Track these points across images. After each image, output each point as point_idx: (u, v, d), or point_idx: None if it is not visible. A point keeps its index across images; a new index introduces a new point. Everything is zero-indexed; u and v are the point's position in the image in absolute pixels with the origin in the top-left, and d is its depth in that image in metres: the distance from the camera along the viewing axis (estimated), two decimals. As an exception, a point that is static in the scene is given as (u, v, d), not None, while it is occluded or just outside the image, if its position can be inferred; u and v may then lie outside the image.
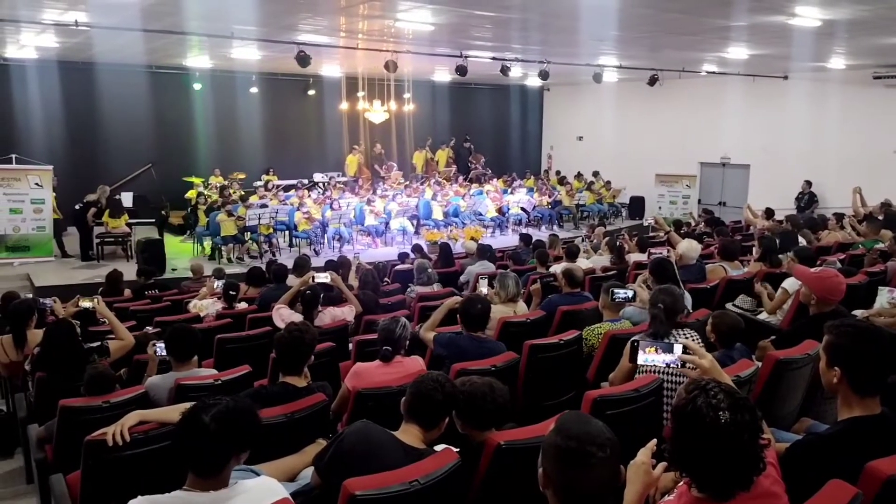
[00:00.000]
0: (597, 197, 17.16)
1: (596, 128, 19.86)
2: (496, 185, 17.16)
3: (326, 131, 18.21)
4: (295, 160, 17.60)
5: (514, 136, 21.69)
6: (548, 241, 10.23)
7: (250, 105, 16.81)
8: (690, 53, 12.33)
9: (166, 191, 15.18)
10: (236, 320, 6.06)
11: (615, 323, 4.62)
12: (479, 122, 20.96)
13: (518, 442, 2.55)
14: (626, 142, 19.01)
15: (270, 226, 12.79)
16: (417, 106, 18.04)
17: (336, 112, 17.47)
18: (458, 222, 14.72)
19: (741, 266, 6.82)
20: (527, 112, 21.67)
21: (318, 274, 5.72)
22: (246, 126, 16.83)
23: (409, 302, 7.00)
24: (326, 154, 18.34)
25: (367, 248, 13.53)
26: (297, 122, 17.87)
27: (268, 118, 17.22)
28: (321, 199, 14.30)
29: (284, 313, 5.36)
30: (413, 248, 10.16)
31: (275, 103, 17.31)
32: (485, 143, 20.72)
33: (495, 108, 21.22)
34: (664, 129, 18.05)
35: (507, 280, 5.40)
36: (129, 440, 2.79)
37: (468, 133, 20.25)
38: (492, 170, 19.37)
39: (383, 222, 14.18)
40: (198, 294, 7.56)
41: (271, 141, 17.37)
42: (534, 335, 4.54)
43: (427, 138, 19.13)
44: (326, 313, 5.51)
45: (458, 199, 15.41)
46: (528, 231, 14.15)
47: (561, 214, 16.68)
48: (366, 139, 18.37)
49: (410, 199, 14.88)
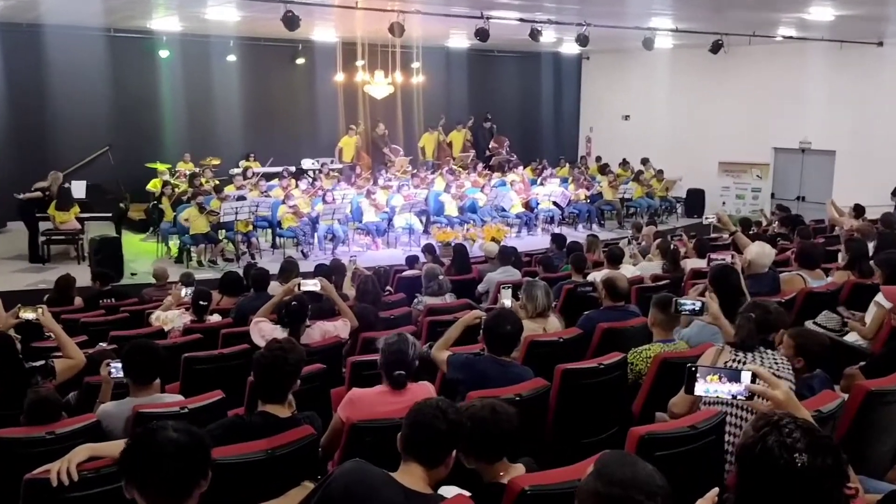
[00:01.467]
0: (646, 189, 17.11)
1: (646, 105, 19.82)
2: (523, 174, 17.17)
3: (318, 108, 18.30)
4: (280, 143, 17.70)
5: (546, 115, 21.68)
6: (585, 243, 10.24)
7: (227, 77, 16.94)
8: (763, 14, 12.22)
9: (126, 179, 15.32)
10: (207, 336, 6.10)
11: (668, 344, 4.59)
12: (503, 97, 20.99)
13: (547, 487, 2.54)
14: (682, 123, 18.96)
15: (249, 222, 12.88)
16: (428, 78, 18.10)
17: (330, 85, 17.55)
18: (475, 219, 14.75)
19: (824, 276, 6.76)
20: (561, 86, 21.65)
21: (306, 281, 5.75)
22: (222, 102, 16.96)
23: (415, 316, 7.02)
24: (318, 136, 18.43)
25: (366, 250, 13.56)
26: (284, 98, 17.98)
27: (248, 92, 17.35)
28: (311, 191, 14.38)
29: (265, 328, 5.38)
30: (424, 248, 10.21)
31: (257, 75, 17.43)
32: (510, 123, 20.74)
33: (523, 80, 21.23)
34: (730, 107, 17.96)
35: (535, 290, 5.40)
36: (76, 479, 2.79)
37: (489, 111, 20.29)
38: (518, 156, 19.39)
39: (386, 219, 14.20)
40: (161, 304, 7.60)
41: (252, 120, 17.49)
42: (568, 358, 4.53)
43: (439, 117, 19.17)
44: (315, 329, 5.52)
45: (477, 191, 15.44)
46: (561, 231, 14.11)
47: (602, 211, 16.63)
48: (366, 118, 18.44)
49: (418, 191, 14.93)
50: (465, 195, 15.23)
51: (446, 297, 7.52)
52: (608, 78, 21.01)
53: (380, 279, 7.47)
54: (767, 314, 3.81)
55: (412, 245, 13.71)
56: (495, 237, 13.27)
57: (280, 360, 3.45)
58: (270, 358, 3.47)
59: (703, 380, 2.51)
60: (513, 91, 21.18)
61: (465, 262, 9.50)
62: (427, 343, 5.19)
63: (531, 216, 15.52)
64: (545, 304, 5.39)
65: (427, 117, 19.31)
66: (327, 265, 8.45)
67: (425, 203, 14.73)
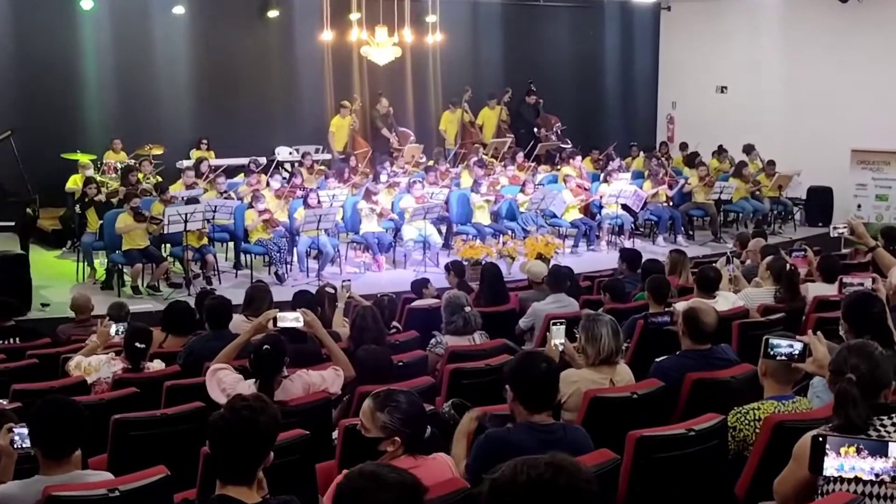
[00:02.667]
0: (751, 188, 17.02)
1: (750, 73, 19.77)
2: (580, 166, 17.14)
3: (298, 79, 18.42)
4: (246, 126, 17.81)
5: (611, 87, 21.69)
6: (668, 260, 10.17)
7: (173, 35, 17.08)
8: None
9: (35, 175, 15.40)
10: (146, 390, 6.09)
11: (785, 402, 4.56)
12: (552, 62, 21.02)
13: None
14: (801, 97, 18.89)
15: (204, 233, 12.92)
16: (449, 36, 18.13)
17: (314, 47, 17.67)
18: (515, 229, 14.73)
19: None
20: (632, 47, 21.66)
21: (283, 314, 5.76)
22: (165, 70, 17.11)
23: (433, 363, 7.00)
24: (298, 116, 18.54)
25: (365, 272, 13.57)
26: (250, 64, 18.09)
27: (202, 57, 17.48)
28: (288, 190, 14.42)
29: (226, 380, 5.39)
30: (449, 266, 10.15)
31: (214, 32, 17.57)
32: (561, 97, 20.75)
33: (579, 39, 21.27)
34: (867, 75, 17.87)
35: (599, 328, 5.38)
36: None
37: (533, 81, 20.30)
38: (573, 141, 19.37)
39: (391, 228, 14.16)
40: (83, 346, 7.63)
41: (207, 94, 17.61)
42: (645, 421, 4.50)
43: (464, 90, 19.21)
44: (296, 380, 5.52)
45: (516, 191, 15.43)
46: (633, 245, 14.01)
47: (690, 216, 16.55)
48: (363, 91, 18.53)
49: (436, 191, 14.94)
50: (501, 195, 15.22)
51: (475, 336, 7.47)
52: (697, 36, 20.99)
53: (383, 311, 7.46)
54: (875, 364, 3.65)
55: (427, 265, 13.71)
56: (542, 253, 13.24)
57: (246, 423, 3.44)
58: (233, 421, 3.46)
59: (835, 454, 2.49)
60: (565, 54, 21.21)
61: (501, 289, 9.46)
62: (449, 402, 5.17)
63: (592, 224, 15.48)
64: (613, 346, 5.36)
65: (447, 90, 19.38)
66: (311, 293, 8.44)
67: (445, 207, 14.74)
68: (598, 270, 12.66)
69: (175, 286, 12.69)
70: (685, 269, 9.94)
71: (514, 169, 16.71)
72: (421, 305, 9.13)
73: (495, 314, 8.65)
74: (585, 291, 9.99)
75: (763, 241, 11.42)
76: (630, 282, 9.55)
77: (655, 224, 16.12)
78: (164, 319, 7.89)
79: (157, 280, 12.65)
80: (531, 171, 16.62)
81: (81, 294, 10.05)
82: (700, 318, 5.68)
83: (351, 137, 17.96)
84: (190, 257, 12.71)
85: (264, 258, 13.51)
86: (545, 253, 13.36)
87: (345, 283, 8.55)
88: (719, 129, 19.59)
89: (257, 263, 13.61)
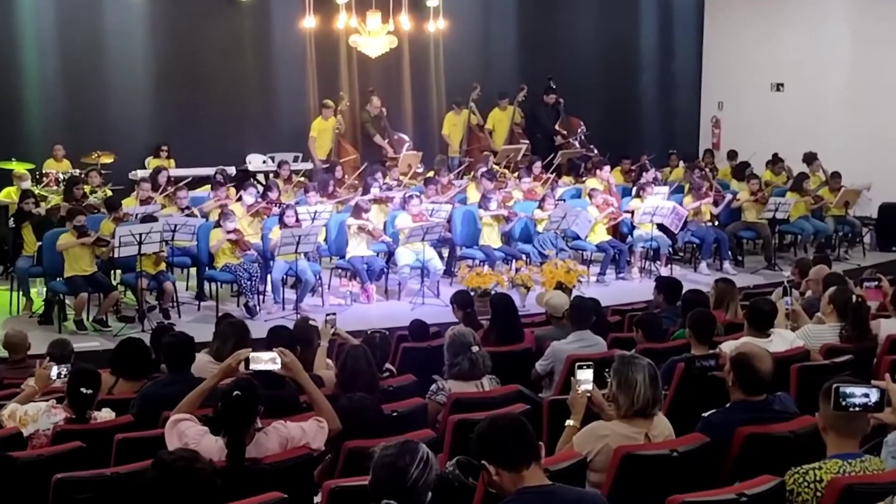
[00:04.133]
0: (812, 205, 17.02)
1: (811, 68, 19.79)
2: (608, 178, 17.13)
3: (274, 74, 18.48)
4: (212, 130, 17.87)
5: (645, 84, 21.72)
6: (713, 292, 10.14)
7: (128, 24, 17.15)
8: None
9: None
10: (93, 444, 6.07)
11: (851, 461, 4.54)
12: (577, 55, 21.09)
13: None
14: (873, 98, 18.89)
15: (162, 257, 12.91)
16: (453, 23, 18.19)
17: (294, 36, 17.75)
18: (530, 253, 14.73)
19: None
20: (670, 36, 21.74)
21: (256, 355, 5.75)
22: (118, 64, 17.15)
23: (433, 413, 7.00)
24: (273, 118, 18.60)
25: (351, 304, 13.56)
26: (218, 57, 18.15)
27: (161, 49, 17.55)
28: (262, 206, 14.44)
29: (189, 432, 5.38)
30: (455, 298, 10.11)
31: (175, 20, 17.63)
32: (587, 96, 20.81)
33: (608, 28, 21.33)
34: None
35: (633, 373, 5.37)
36: None
37: (553, 77, 20.34)
38: (600, 148, 19.38)
39: (383, 251, 14.16)
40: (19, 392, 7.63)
41: (166, 93, 17.65)
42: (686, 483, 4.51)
43: (471, 87, 19.25)
44: (272, 433, 5.49)
45: (532, 207, 15.44)
46: (672, 272, 13.99)
47: (739, 238, 16.53)
48: (351, 89, 18.59)
49: (437, 207, 14.95)
50: (514, 213, 15.21)
51: (483, 381, 7.45)
52: (748, 23, 21.04)
53: (374, 351, 7.44)
54: None
55: (425, 295, 13.70)
56: (563, 282, 13.18)
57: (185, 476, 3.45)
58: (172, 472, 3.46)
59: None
60: (591, 45, 21.29)
61: (514, 324, 9.42)
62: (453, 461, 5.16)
63: (622, 248, 15.48)
64: (650, 396, 5.33)
65: (451, 87, 19.43)
66: (288, 329, 8.41)
67: (448, 226, 14.75)
68: (629, 303, 12.65)
69: (127, 320, 12.65)
70: (733, 302, 9.89)
71: (529, 181, 16.69)
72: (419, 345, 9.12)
73: (507, 355, 8.60)
74: (614, 328, 9.92)
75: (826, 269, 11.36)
76: (668, 317, 9.50)
77: (698, 247, 16.08)
78: (114, 360, 7.78)
79: (105, 313, 12.57)
80: (550, 184, 16.63)
81: (15, 330, 9.94)
82: (753, 366, 5.64)
83: (336, 143, 17.99)
84: (145, 286, 12.64)
85: (232, 287, 13.48)
86: (566, 282, 13.26)
87: (329, 318, 8.52)
88: (774, 134, 19.62)
89: (224, 293, 13.58)
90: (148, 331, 10.92)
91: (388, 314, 12.69)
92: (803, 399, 6.06)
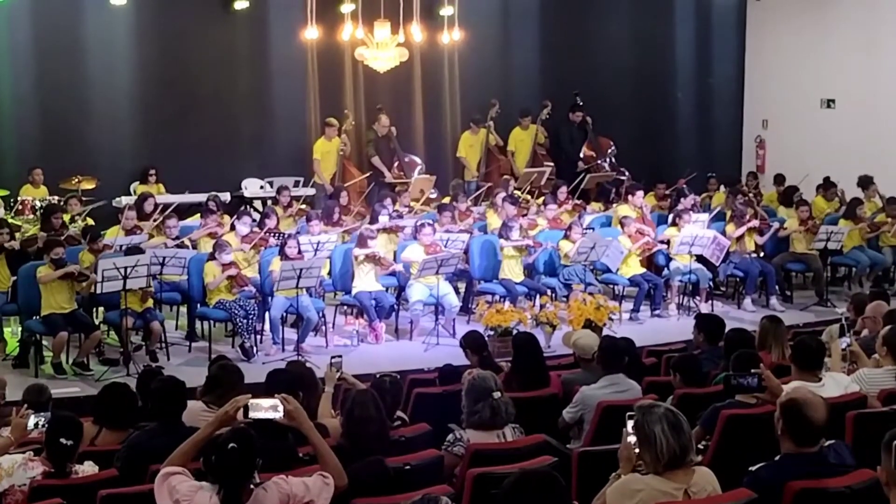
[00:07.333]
0: (868, 233, 16.97)
1: (867, 82, 19.78)
2: (642, 205, 17.13)
3: (273, 90, 18.53)
4: (205, 153, 17.91)
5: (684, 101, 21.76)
6: (759, 331, 10.12)
7: (112, 36, 17.27)
8: None
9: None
10: (74, 500, 6.07)
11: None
12: (606, 68, 21.12)
13: None
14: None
15: (149, 293, 12.91)
16: (470, 34, 18.30)
17: (295, 48, 17.85)
18: (556, 287, 14.73)
19: None
20: (709, 46, 21.79)
21: (256, 401, 5.75)
22: (101, 80, 17.25)
23: (450, 465, 6.98)
24: (272, 139, 18.68)
25: (358, 344, 13.56)
26: (212, 72, 18.25)
27: (149, 62, 17.68)
28: (259, 237, 14.45)
29: (181, 488, 5.39)
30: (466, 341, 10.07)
31: (164, 31, 17.76)
32: (618, 113, 20.87)
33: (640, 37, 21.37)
34: None
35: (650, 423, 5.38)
36: None
37: (580, 93, 20.35)
38: (632, 172, 19.39)
39: (393, 286, 14.16)
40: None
41: (155, 112, 17.75)
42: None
43: (490, 104, 19.29)
44: (271, 489, 5.49)
45: (558, 237, 15.43)
46: (713, 308, 13.94)
47: (787, 271, 16.50)
48: (357, 106, 18.65)
49: (452, 236, 14.97)
50: (538, 243, 15.23)
51: (506, 430, 7.46)
52: (796, 34, 21.06)
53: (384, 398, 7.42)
54: None
55: (440, 334, 13.68)
56: (593, 320, 13.19)
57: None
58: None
59: None
60: (622, 57, 21.39)
61: (539, 367, 9.43)
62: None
63: (658, 282, 15.48)
64: (675, 446, 5.28)
65: (467, 104, 19.49)
66: (288, 372, 8.40)
67: (465, 257, 14.73)
68: (666, 343, 12.70)
69: (110, 363, 12.66)
70: (781, 342, 9.86)
71: (554, 208, 16.76)
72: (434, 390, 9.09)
73: (532, 401, 8.64)
74: (650, 371, 9.97)
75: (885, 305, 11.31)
76: (708, 358, 9.53)
77: (741, 281, 16.08)
78: (97, 408, 7.83)
79: (86, 355, 12.57)
80: (577, 211, 16.64)
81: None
82: (806, 414, 5.64)
83: (341, 167, 18.07)
84: (130, 325, 12.67)
85: (227, 326, 13.48)
86: (596, 320, 13.30)
87: (334, 361, 8.53)
88: (824, 156, 19.64)
89: (217, 333, 13.58)
90: (134, 375, 10.93)
91: (400, 356, 12.71)
92: (861, 450, 6.00)
